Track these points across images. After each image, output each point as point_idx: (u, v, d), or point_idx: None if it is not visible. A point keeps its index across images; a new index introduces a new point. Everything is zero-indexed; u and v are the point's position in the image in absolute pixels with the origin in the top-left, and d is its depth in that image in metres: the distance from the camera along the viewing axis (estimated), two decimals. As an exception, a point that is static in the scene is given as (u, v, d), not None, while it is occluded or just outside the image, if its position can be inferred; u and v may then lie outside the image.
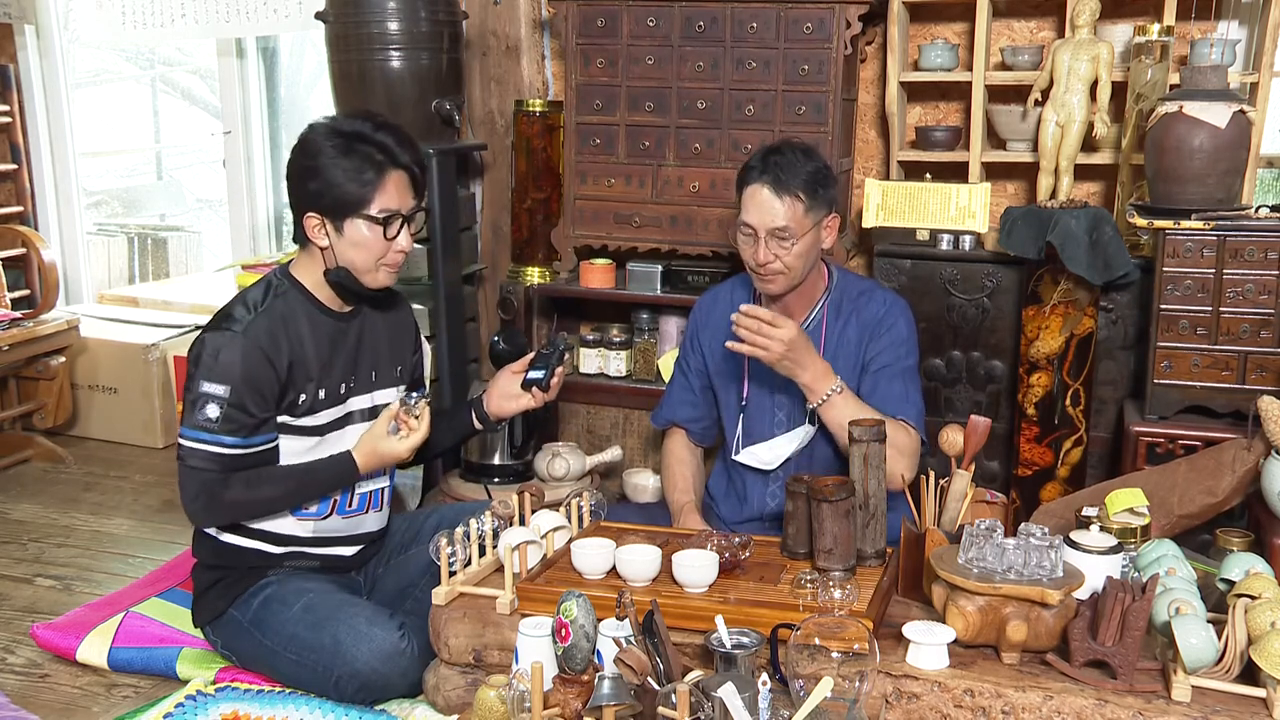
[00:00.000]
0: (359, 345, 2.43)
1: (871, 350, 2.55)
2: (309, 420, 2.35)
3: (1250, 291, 2.67)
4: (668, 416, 2.81)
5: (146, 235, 5.70)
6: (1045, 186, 3.09)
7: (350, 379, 2.42)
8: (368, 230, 2.28)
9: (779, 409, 2.62)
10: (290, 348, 2.30)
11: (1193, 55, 3.01)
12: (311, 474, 2.36)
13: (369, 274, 2.33)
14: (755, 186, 2.46)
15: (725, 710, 1.65)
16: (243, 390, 2.24)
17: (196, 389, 2.25)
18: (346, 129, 2.28)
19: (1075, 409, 2.92)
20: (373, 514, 2.51)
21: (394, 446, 2.35)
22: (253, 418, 2.26)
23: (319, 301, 2.37)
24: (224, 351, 2.24)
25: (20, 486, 3.81)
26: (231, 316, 2.30)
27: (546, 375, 2.49)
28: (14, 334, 3.89)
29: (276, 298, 2.33)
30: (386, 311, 2.52)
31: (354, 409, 2.44)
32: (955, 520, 2.18)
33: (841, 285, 2.62)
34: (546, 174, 3.60)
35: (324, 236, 2.30)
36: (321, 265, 2.34)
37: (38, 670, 2.58)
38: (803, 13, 3.11)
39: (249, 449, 2.28)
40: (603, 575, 2.18)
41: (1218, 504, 2.49)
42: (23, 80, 4.53)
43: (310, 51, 5.01)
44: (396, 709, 2.25)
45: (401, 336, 2.55)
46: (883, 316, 2.56)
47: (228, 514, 2.32)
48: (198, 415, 2.24)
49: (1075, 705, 1.81)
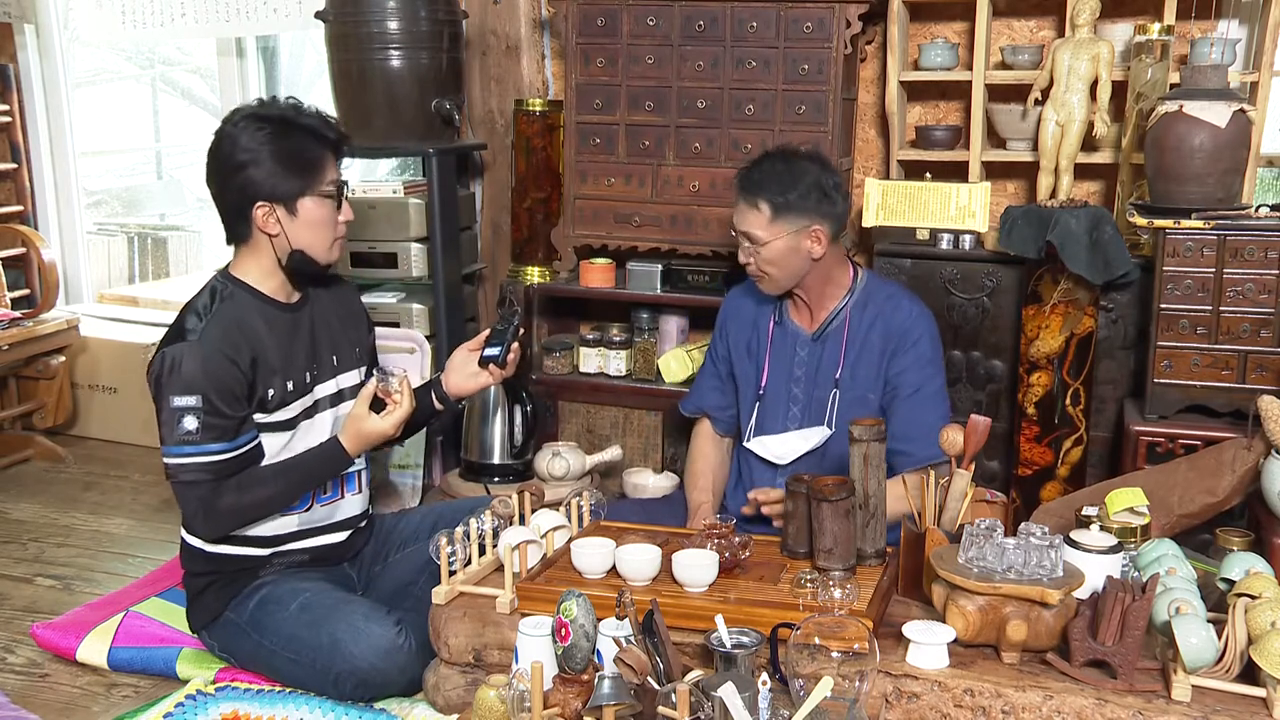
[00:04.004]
0: (313, 332, 2.44)
1: (897, 365, 2.57)
2: (280, 415, 2.35)
3: (1250, 291, 2.66)
4: (696, 404, 2.87)
5: (146, 235, 5.70)
6: (1045, 186, 3.09)
7: (313, 367, 2.42)
8: (321, 206, 2.32)
9: (794, 404, 2.65)
10: (249, 344, 2.30)
11: (1193, 54, 3.00)
12: (301, 466, 2.36)
13: (326, 251, 2.36)
14: (738, 194, 2.56)
15: (725, 710, 1.65)
16: (213, 396, 2.23)
17: (168, 406, 2.24)
18: (272, 115, 2.31)
19: (1075, 408, 2.92)
20: (350, 497, 2.51)
21: (379, 425, 2.35)
22: (230, 419, 2.26)
23: (267, 296, 2.37)
24: (185, 362, 2.23)
25: (20, 486, 3.81)
26: (184, 327, 2.29)
27: (503, 351, 2.48)
28: (14, 334, 3.89)
29: (224, 301, 2.32)
30: (333, 296, 2.53)
31: (320, 396, 2.44)
32: (955, 520, 2.17)
33: (867, 287, 2.65)
34: (546, 173, 3.60)
35: (275, 224, 2.30)
36: (267, 257, 2.34)
37: (38, 670, 2.58)
38: (803, 12, 3.11)
39: (235, 451, 2.28)
40: (603, 575, 2.18)
41: (1218, 503, 2.49)
42: (23, 80, 4.53)
43: (310, 51, 5.01)
44: (396, 708, 2.25)
45: (353, 318, 2.56)
46: (909, 328, 2.58)
47: (228, 521, 2.32)
48: (177, 431, 2.23)
49: (1075, 705, 1.81)
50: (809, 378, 2.64)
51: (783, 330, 2.69)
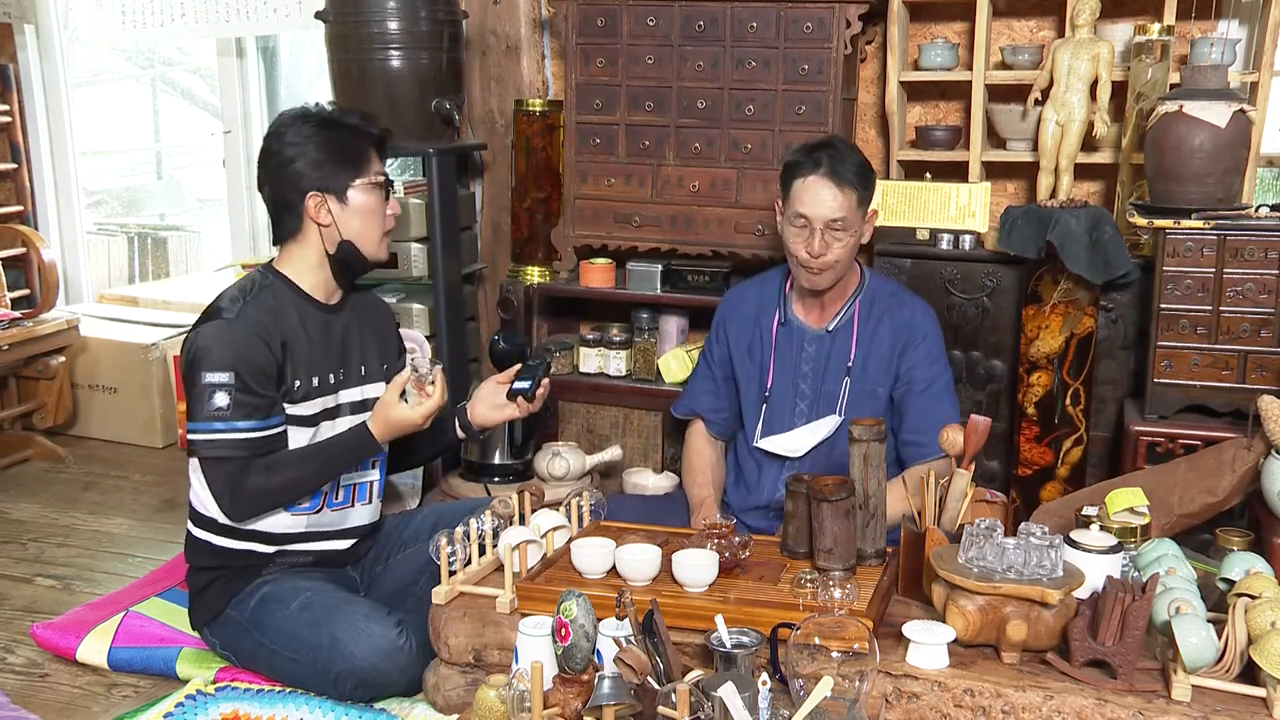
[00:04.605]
0: (345, 338, 2.45)
1: (907, 361, 2.60)
2: (303, 409, 2.36)
3: (1250, 291, 2.66)
4: (689, 406, 2.86)
5: (146, 235, 5.70)
6: (1045, 186, 3.09)
7: (340, 370, 2.43)
8: (370, 195, 2.36)
9: (800, 399, 2.66)
10: (282, 330, 2.32)
11: (1193, 54, 3.00)
12: (329, 450, 2.37)
13: (375, 244, 2.39)
14: (812, 179, 2.49)
15: (725, 710, 1.65)
16: (245, 373, 2.25)
17: (200, 381, 2.25)
18: (313, 114, 2.37)
19: (1075, 408, 2.92)
20: (360, 507, 2.51)
21: (409, 414, 2.33)
22: (261, 399, 2.27)
23: (306, 294, 2.39)
24: (219, 339, 2.25)
25: (20, 486, 3.81)
26: (220, 308, 2.32)
27: (532, 386, 2.50)
28: (14, 334, 3.89)
29: (262, 290, 2.36)
30: (370, 312, 2.55)
31: (344, 401, 2.44)
32: (955, 520, 2.17)
33: (873, 284, 2.68)
34: (546, 173, 3.60)
35: (326, 214, 2.34)
36: (315, 250, 2.38)
37: (38, 670, 2.58)
38: (803, 12, 3.11)
39: (265, 431, 2.29)
40: (603, 575, 2.18)
41: (1218, 503, 2.49)
42: (23, 80, 4.53)
43: (310, 51, 5.01)
44: (396, 708, 2.25)
45: (386, 337, 2.59)
46: (916, 324, 2.62)
47: (255, 503, 2.32)
48: (208, 406, 2.24)
49: (1075, 705, 1.81)
50: (816, 373, 2.65)
51: (788, 329, 2.68)
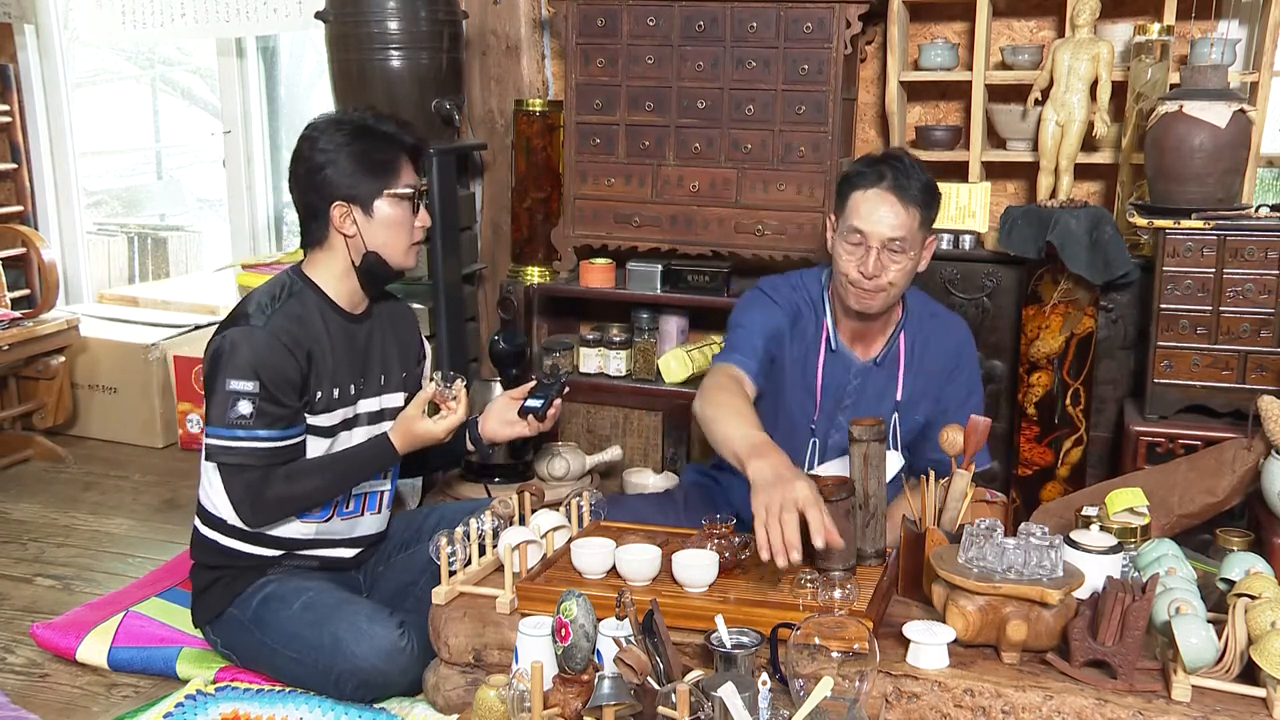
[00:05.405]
0: (368, 348, 2.45)
1: (951, 387, 2.54)
2: (323, 420, 2.36)
3: (1250, 291, 2.67)
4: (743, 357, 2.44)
5: (146, 235, 5.71)
6: (1045, 186, 3.09)
7: (360, 380, 2.43)
8: (397, 208, 2.34)
9: (836, 431, 2.54)
10: (308, 340, 2.31)
11: (1193, 55, 3.00)
12: (349, 459, 2.37)
13: (401, 255, 2.37)
14: (873, 192, 2.33)
15: (725, 710, 1.65)
16: (270, 383, 2.24)
17: (223, 388, 2.24)
18: (349, 120, 2.35)
19: (1075, 409, 2.92)
20: (370, 516, 2.51)
21: (431, 428, 2.34)
22: (284, 409, 2.27)
23: (333, 301, 2.39)
24: (245, 346, 2.25)
25: (20, 486, 3.81)
26: (248, 313, 2.31)
27: (545, 405, 2.50)
28: (14, 334, 3.89)
29: (291, 296, 2.35)
30: (395, 320, 2.54)
31: (361, 411, 2.44)
32: (955, 520, 2.17)
33: (913, 307, 2.55)
34: (546, 174, 3.60)
35: (351, 225, 2.33)
36: (341, 260, 2.37)
37: (38, 670, 2.58)
38: (803, 12, 3.11)
39: (286, 441, 2.29)
40: (603, 575, 2.18)
41: (1218, 504, 2.49)
42: (23, 80, 4.53)
43: (310, 51, 5.01)
44: (396, 708, 2.25)
45: (409, 345, 2.58)
46: (961, 347, 2.57)
47: (275, 511, 2.33)
48: (230, 414, 2.24)
49: (1075, 705, 1.81)
50: (855, 406, 2.52)
51: (835, 359, 2.53)
